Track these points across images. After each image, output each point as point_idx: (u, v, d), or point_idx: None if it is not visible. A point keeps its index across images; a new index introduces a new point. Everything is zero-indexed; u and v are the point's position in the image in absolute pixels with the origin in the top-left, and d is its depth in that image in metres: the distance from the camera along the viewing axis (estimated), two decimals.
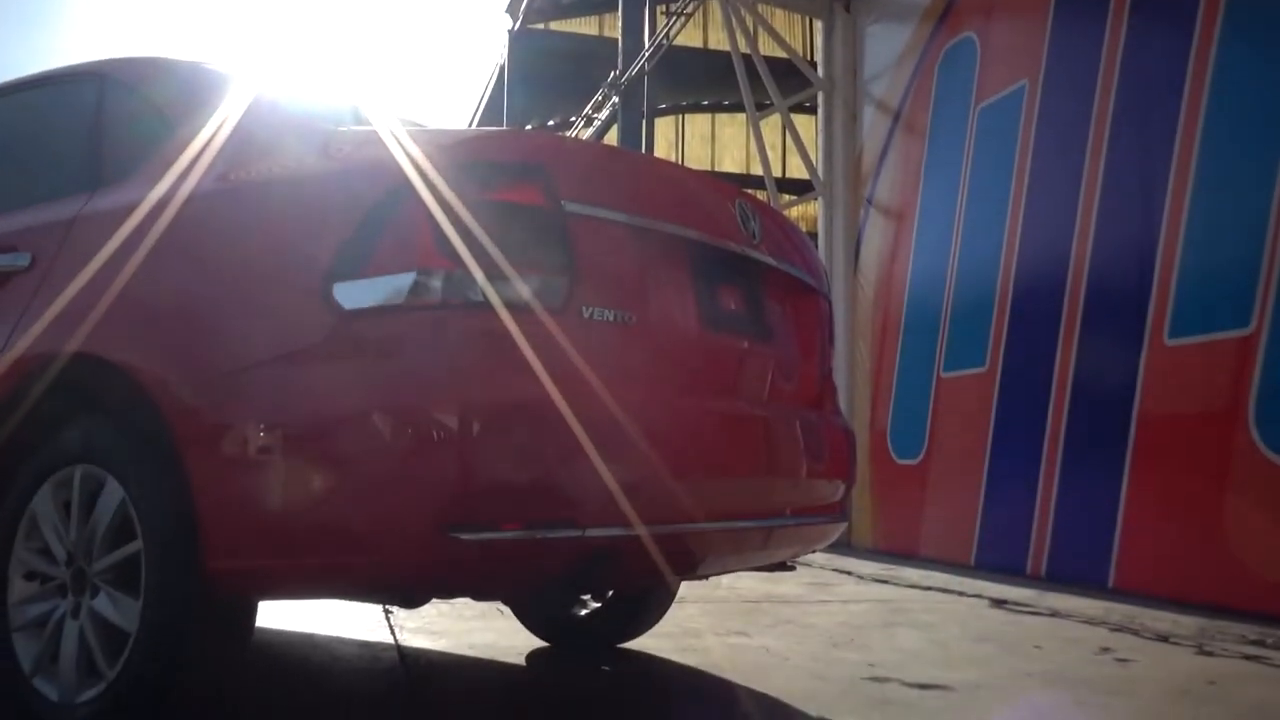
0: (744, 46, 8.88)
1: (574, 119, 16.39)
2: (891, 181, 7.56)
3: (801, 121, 9.36)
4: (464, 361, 1.80)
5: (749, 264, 2.40)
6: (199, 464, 1.88)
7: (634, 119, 14.16)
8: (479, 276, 1.81)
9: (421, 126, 2.18)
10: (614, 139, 14.95)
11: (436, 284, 1.80)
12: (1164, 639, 3.75)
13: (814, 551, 2.76)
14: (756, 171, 11.97)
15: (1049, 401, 5.64)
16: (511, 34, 15.74)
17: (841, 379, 7.34)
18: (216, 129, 2.19)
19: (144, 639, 1.91)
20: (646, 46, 12.60)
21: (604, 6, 15.39)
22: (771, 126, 10.85)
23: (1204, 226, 4.79)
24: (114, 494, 2.01)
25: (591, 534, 1.83)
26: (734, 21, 8.77)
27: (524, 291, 1.86)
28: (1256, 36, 4.67)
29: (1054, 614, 4.32)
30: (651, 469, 1.91)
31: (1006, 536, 5.85)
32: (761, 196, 6.39)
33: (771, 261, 2.47)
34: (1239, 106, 4.70)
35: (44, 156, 2.69)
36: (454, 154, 1.91)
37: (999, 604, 4.62)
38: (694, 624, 3.74)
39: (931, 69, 7.17)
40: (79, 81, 2.64)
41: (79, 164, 2.49)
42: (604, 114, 15.39)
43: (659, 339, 2.13)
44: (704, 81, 17.43)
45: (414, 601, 2.08)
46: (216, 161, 2.14)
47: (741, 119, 17.06)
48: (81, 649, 2.01)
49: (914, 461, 6.93)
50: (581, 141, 2.76)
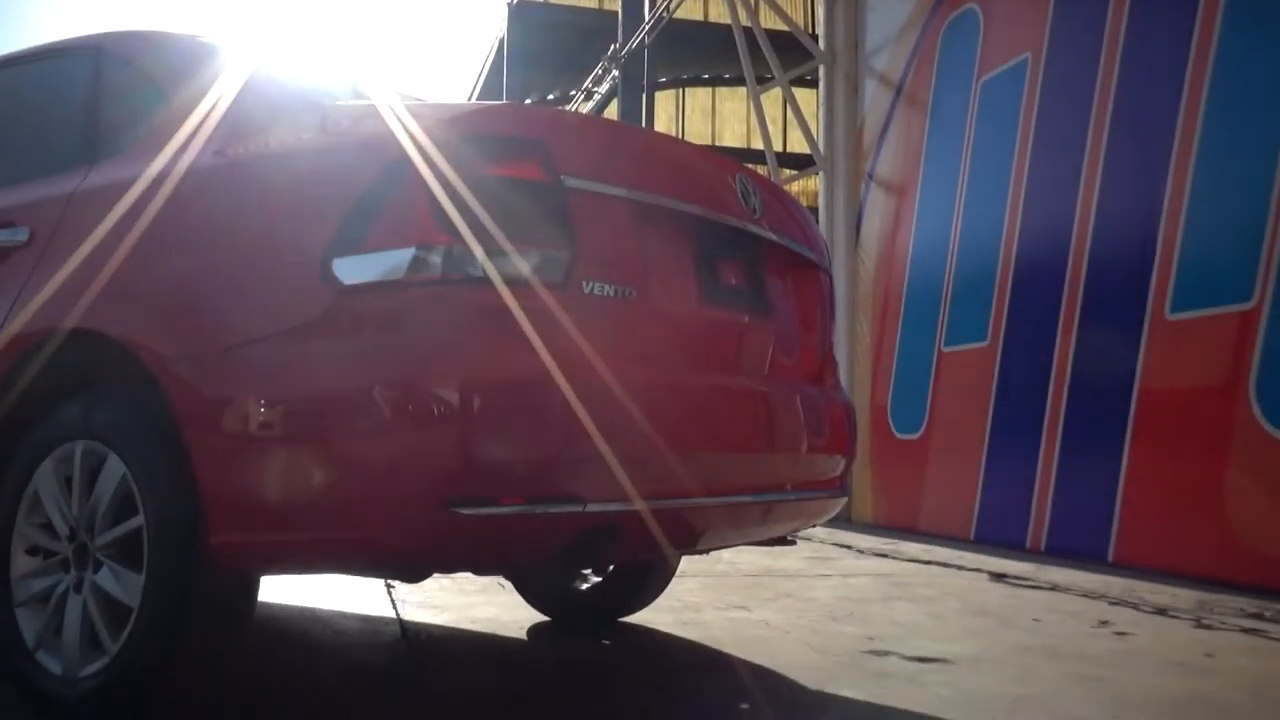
0: (745, 19, 8.82)
1: (574, 93, 16.31)
2: (893, 156, 7.53)
3: (803, 95, 9.32)
4: (464, 337, 1.80)
5: (749, 239, 2.40)
6: (199, 439, 1.88)
7: (634, 93, 14.09)
8: (479, 252, 1.80)
9: (420, 101, 2.17)
10: (614, 113, 14.89)
11: (436, 259, 1.80)
12: (1162, 612, 3.77)
13: (814, 526, 2.77)
14: (757, 146, 11.93)
15: (1050, 376, 5.64)
16: (511, 7, 15.64)
17: (842, 354, 7.34)
18: (214, 103, 2.18)
19: (147, 613, 1.91)
20: (646, 20, 12.52)
21: None
22: (772, 100, 10.79)
23: (1207, 200, 4.78)
24: (115, 469, 2.02)
25: (592, 509, 1.84)
26: None
27: (524, 267, 1.85)
28: (1261, 11, 4.63)
29: (1053, 588, 4.34)
30: (652, 444, 1.91)
31: (1006, 511, 5.87)
32: (762, 171, 6.37)
33: (772, 236, 2.46)
34: (1243, 80, 4.67)
35: (41, 131, 2.68)
36: (453, 129, 1.90)
37: (998, 578, 4.65)
38: (694, 598, 3.76)
39: (934, 42, 7.12)
40: (76, 55, 2.62)
41: (76, 138, 2.48)
42: (604, 88, 15.31)
43: (660, 314, 2.12)
44: (704, 55, 17.34)
45: (415, 576, 2.09)
46: (214, 136, 2.13)
47: (742, 93, 16.99)
48: (84, 623, 2.02)
49: (914, 436, 6.94)
50: (581, 116, 2.74)
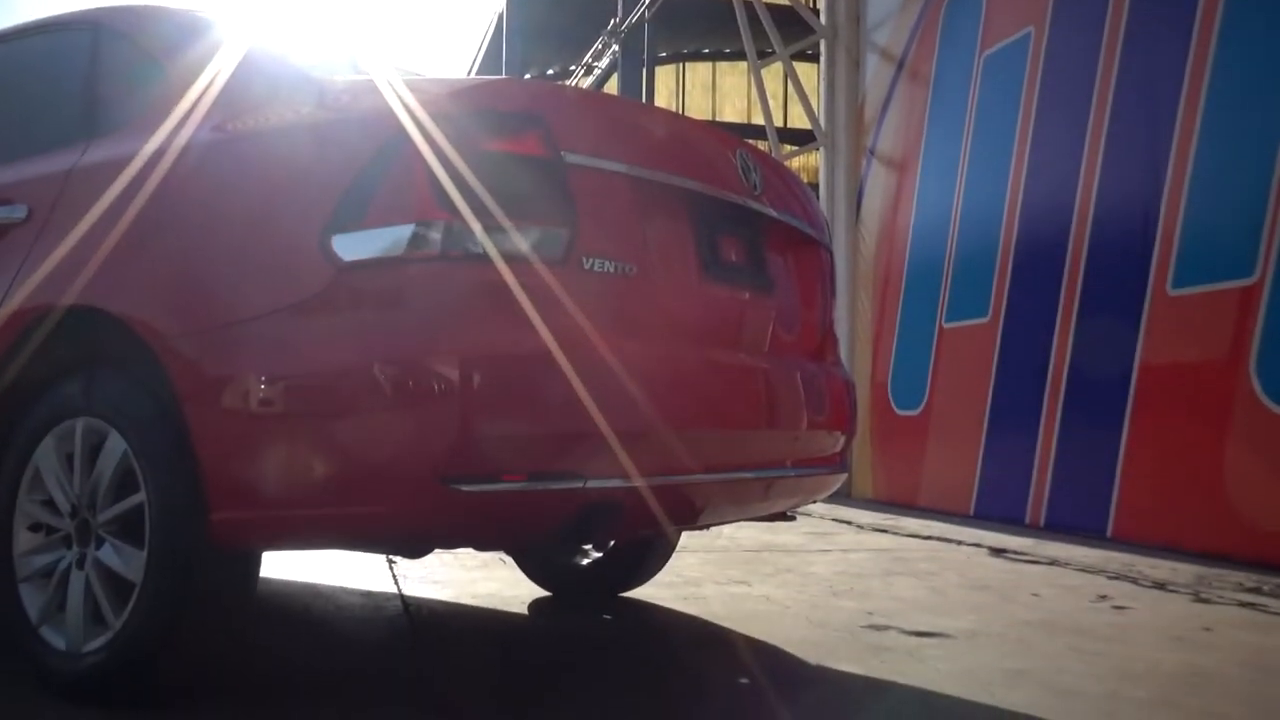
0: None
1: (573, 68, 16.23)
2: (894, 131, 7.49)
3: (804, 70, 9.26)
4: (464, 314, 1.79)
5: (750, 215, 2.39)
6: (199, 416, 1.88)
7: (634, 68, 14.03)
8: (478, 228, 1.80)
9: (419, 76, 2.16)
10: (614, 88, 14.82)
11: (436, 236, 1.79)
12: (1161, 586, 3.78)
13: (814, 502, 2.78)
14: (758, 121, 11.88)
15: (1051, 352, 5.64)
16: None
17: (843, 330, 7.34)
18: (213, 78, 2.17)
19: (149, 589, 1.92)
20: None
21: None
22: (773, 75, 10.73)
23: (1209, 175, 4.76)
24: (116, 446, 2.02)
25: (592, 485, 1.84)
26: None
27: (524, 243, 1.85)
28: None
29: (1052, 562, 4.36)
30: (652, 421, 1.91)
31: (1006, 486, 5.89)
32: (763, 146, 6.33)
33: (772, 212, 2.45)
34: (1247, 56, 4.64)
35: (39, 106, 2.66)
36: (452, 104, 1.89)
37: (998, 553, 4.66)
38: (694, 573, 3.78)
39: (936, 16, 7.07)
40: (73, 30, 2.60)
41: (74, 114, 2.46)
42: (604, 63, 15.24)
43: (659, 291, 2.12)
44: (705, 29, 17.24)
45: (417, 552, 2.09)
46: (213, 111, 2.12)
47: (743, 67, 16.91)
48: (87, 599, 2.03)
49: (914, 412, 6.95)
50: (581, 91, 2.73)
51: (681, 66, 20.16)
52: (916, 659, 2.58)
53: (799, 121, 11.23)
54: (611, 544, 3.15)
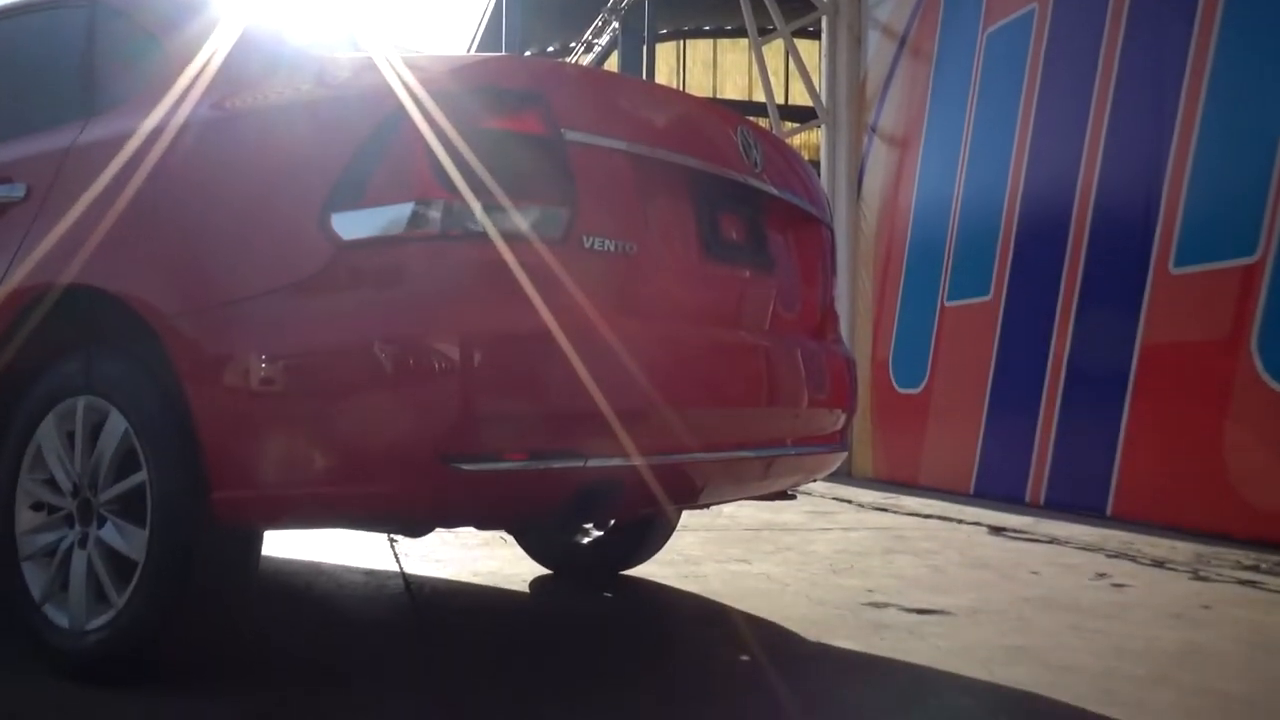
0: None
1: (574, 45, 16.16)
2: (896, 108, 7.46)
3: (805, 47, 9.22)
4: (464, 293, 1.79)
5: (751, 193, 2.38)
6: (200, 395, 1.88)
7: (635, 44, 13.96)
8: (478, 207, 1.79)
9: (419, 53, 2.15)
10: (614, 65, 14.76)
11: (435, 214, 1.78)
12: (1160, 565, 3.79)
13: (814, 481, 2.78)
14: (759, 98, 11.82)
15: (1052, 331, 5.64)
16: None
17: (843, 308, 7.33)
18: (211, 55, 2.16)
19: (151, 568, 1.93)
20: None
21: None
22: (774, 52, 10.67)
23: (1212, 154, 4.74)
24: (117, 425, 2.02)
25: (593, 464, 1.84)
26: None
27: (524, 222, 1.84)
28: None
29: (1052, 541, 4.37)
30: (652, 400, 1.91)
31: (1006, 465, 5.90)
32: (764, 124, 6.30)
33: (773, 190, 2.44)
34: (1251, 35, 4.62)
35: (36, 84, 2.65)
36: (452, 81, 1.88)
37: (997, 531, 4.68)
38: (695, 552, 3.79)
39: None
40: (70, 7, 2.58)
41: (72, 92, 2.45)
42: (604, 40, 15.16)
43: (660, 269, 2.11)
44: (705, 6, 17.15)
45: (418, 531, 2.10)
46: (211, 89, 2.11)
47: (744, 44, 16.82)
48: (90, 577, 2.04)
49: (915, 391, 6.95)
50: (581, 68, 2.71)
51: (682, 43, 20.07)
52: (916, 636, 2.59)
53: (800, 99, 11.19)
54: (612, 523, 3.16)
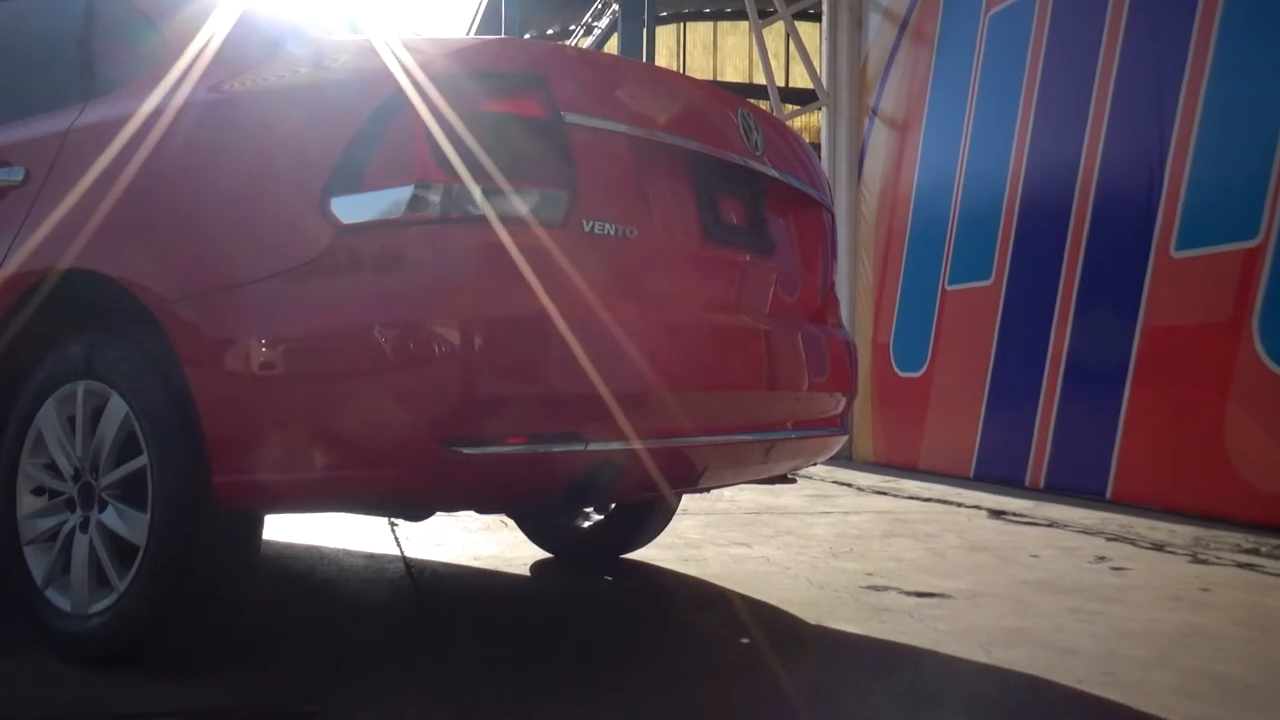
0: None
1: (573, 28, 16.09)
2: (897, 91, 7.43)
3: (806, 29, 9.18)
4: (464, 276, 1.79)
5: (751, 175, 2.37)
6: (200, 379, 1.88)
7: (634, 27, 13.90)
8: (477, 190, 1.79)
9: (418, 36, 2.14)
10: (614, 48, 14.70)
11: (435, 198, 1.78)
12: (1160, 548, 3.80)
13: (815, 464, 2.78)
14: (759, 81, 11.79)
15: (1053, 314, 5.63)
16: None
17: (844, 292, 7.32)
18: (209, 38, 2.15)
19: (153, 552, 1.93)
20: None
21: None
22: (775, 34, 10.63)
23: (1214, 138, 4.73)
24: (117, 410, 2.02)
25: (594, 448, 1.84)
26: None
27: (524, 205, 1.83)
28: None
29: (1051, 524, 4.38)
30: (653, 383, 1.91)
31: (1007, 448, 5.90)
32: (764, 106, 6.28)
33: (774, 173, 2.44)
34: (1254, 18, 4.60)
35: (34, 67, 2.64)
36: (451, 64, 1.87)
37: (997, 514, 4.68)
38: (695, 535, 3.80)
39: None
40: None
41: (70, 75, 2.44)
42: (604, 22, 15.09)
43: (660, 253, 2.11)
44: None
45: (418, 515, 2.10)
46: (210, 72, 2.10)
47: (744, 27, 16.75)
48: (92, 561, 2.04)
49: (916, 374, 6.95)
50: (581, 51, 2.70)
51: (682, 26, 19.98)
52: (916, 619, 2.60)
53: (801, 81, 11.15)
54: (612, 506, 3.17)
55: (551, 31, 17.83)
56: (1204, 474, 4.64)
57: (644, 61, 12.30)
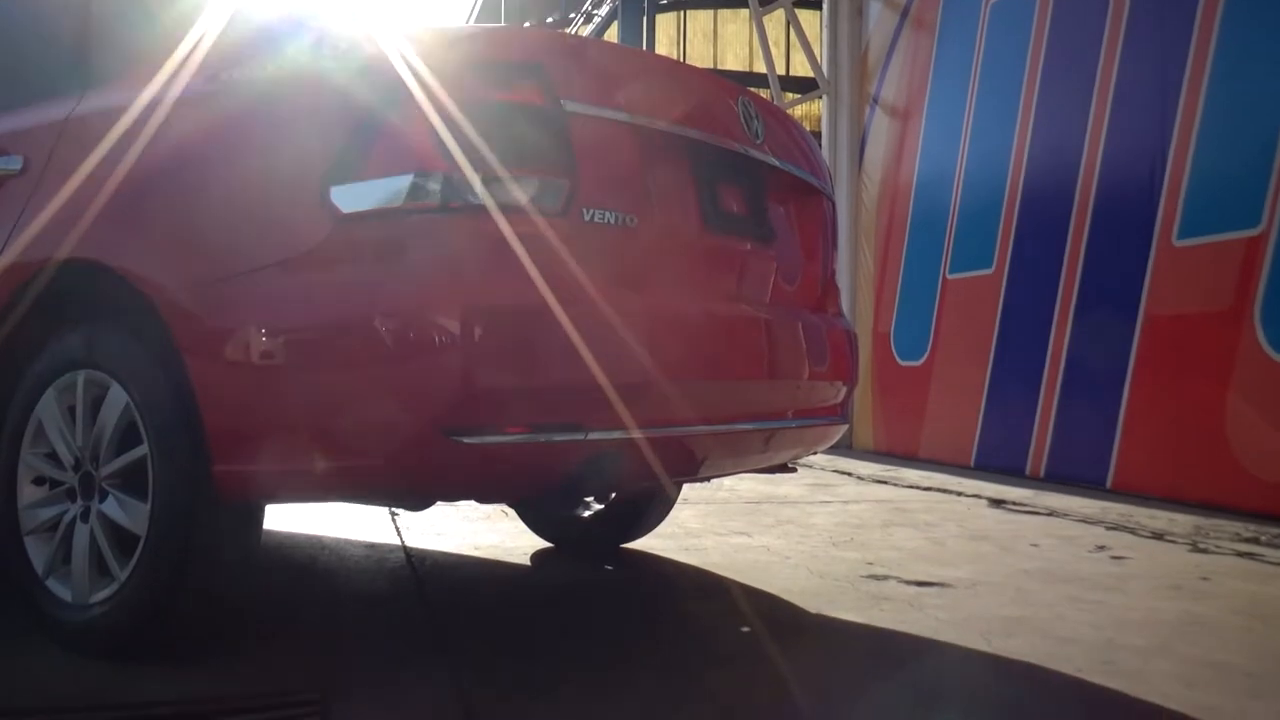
0: None
1: (573, 16, 16.04)
2: (899, 79, 7.40)
3: (806, 17, 9.15)
4: (464, 265, 1.78)
5: (752, 164, 2.37)
6: (200, 369, 1.88)
7: (634, 15, 13.85)
8: (477, 179, 1.78)
9: (417, 25, 2.13)
10: (614, 36, 14.66)
11: (435, 187, 1.78)
12: (1159, 537, 3.80)
13: (815, 453, 2.78)
14: (760, 69, 11.75)
15: (1055, 303, 5.63)
16: None
17: (845, 281, 7.31)
18: (209, 27, 2.14)
19: (153, 541, 1.93)
20: None
21: None
22: (775, 22, 10.59)
23: (1216, 127, 4.71)
24: (118, 399, 2.02)
25: (594, 437, 1.84)
26: None
27: (523, 194, 1.83)
28: None
29: (1051, 513, 4.38)
30: (653, 372, 1.91)
31: (1007, 437, 5.90)
32: (765, 95, 6.26)
33: (774, 161, 2.43)
34: (1258, 4, 4.58)
35: (32, 56, 2.63)
36: (451, 53, 1.87)
37: (997, 503, 4.69)
38: (695, 525, 3.80)
39: None
40: None
41: (69, 64, 2.43)
42: (604, 10, 15.04)
43: (660, 241, 2.11)
44: None
45: (419, 504, 2.10)
46: (209, 61, 2.09)
47: (744, 15, 16.69)
48: (92, 551, 2.04)
49: (917, 363, 6.95)
50: (581, 39, 2.69)
51: (682, 14, 19.90)
52: (916, 608, 2.60)
53: (801, 69, 11.11)
54: (613, 496, 3.17)
55: (551, 19, 17.78)
56: (1205, 463, 4.64)
57: (644, 50, 12.27)
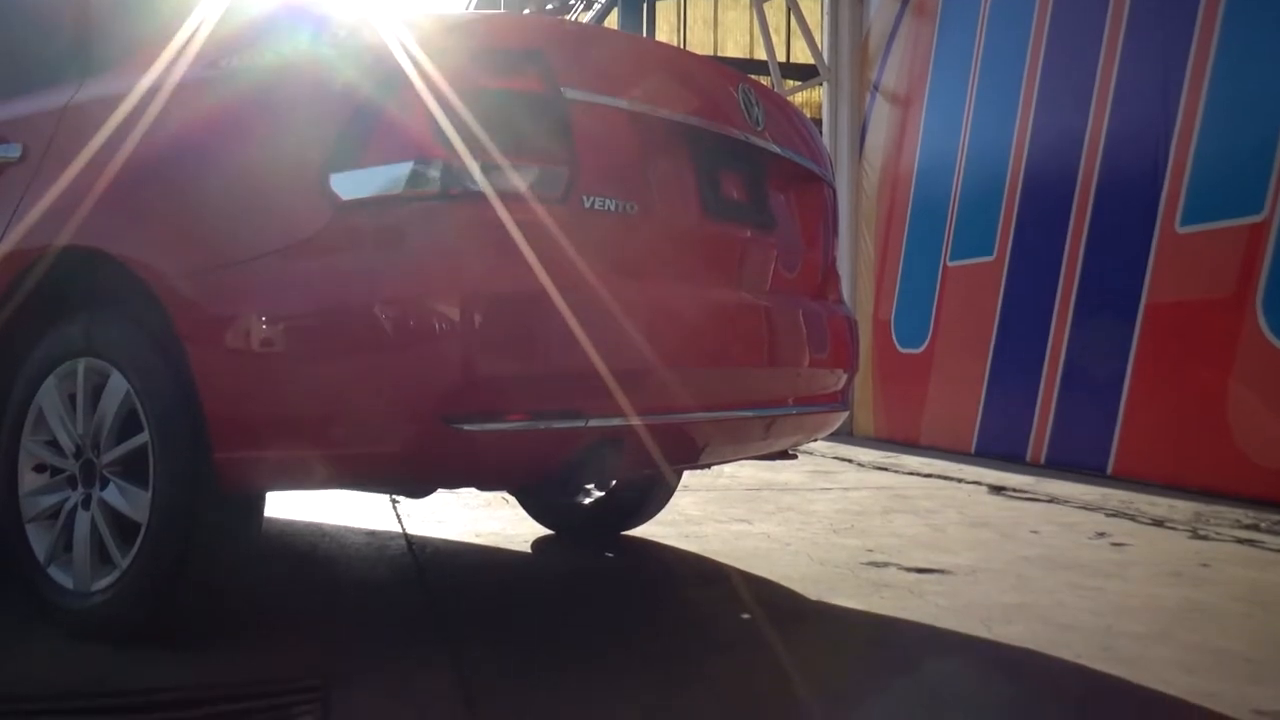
0: None
1: (573, 3, 15.96)
2: (899, 66, 7.38)
3: (807, 4, 9.11)
4: (464, 253, 1.78)
5: (752, 151, 2.36)
6: (201, 356, 1.88)
7: (635, 2, 13.80)
8: (477, 166, 1.78)
9: (417, 11, 2.12)
10: (614, 23, 14.60)
11: (434, 174, 1.77)
12: (1159, 523, 3.81)
13: (815, 440, 2.78)
14: (760, 56, 11.70)
15: (1056, 290, 5.62)
16: None
17: (845, 268, 7.31)
18: (208, 14, 2.13)
19: (154, 529, 1.93)
20: None
21: None
22: (776, 9, 10.55)
23: (1220, 113, 4.70)
24: (118, 387, 2.02)
25: (594, 424, 1.84)
26: None
27: (523, 181, 1.83)
28: None
29: (1051, 500, 4.38)
30: (653, 360, 1.91)
31: (1008, 424, 5.90)
32: (765, 82, 6.24)
33: (775, 148, 2.43)
34: None
35: (30, 44, 2.62)
36: (450, 39, 1.86)
37: (997, 490, 4.69)
38: (696, 512, 3.81)
39: None
40: None
41: (68, 51, 2.43)
42: None
43: (661, 229, 2.10)
44: None
45: (420, 492, 2.10)
46: (208, 48, 2.09)
47: (745, 2, 16.61)
48: (94, 539, 2.05)
49: (918, 350, 6.95)
50: (581, 26, 2.69)
51: (683, 1, 19.83)
52: (916, 595, 2.61)
53: (802, 56, 11.07)
54: (613, 483, 3.17)
55: (551, 6, 17.70)
56: (1206, 450, 4.65)
57: (644, 37, 12.21)
